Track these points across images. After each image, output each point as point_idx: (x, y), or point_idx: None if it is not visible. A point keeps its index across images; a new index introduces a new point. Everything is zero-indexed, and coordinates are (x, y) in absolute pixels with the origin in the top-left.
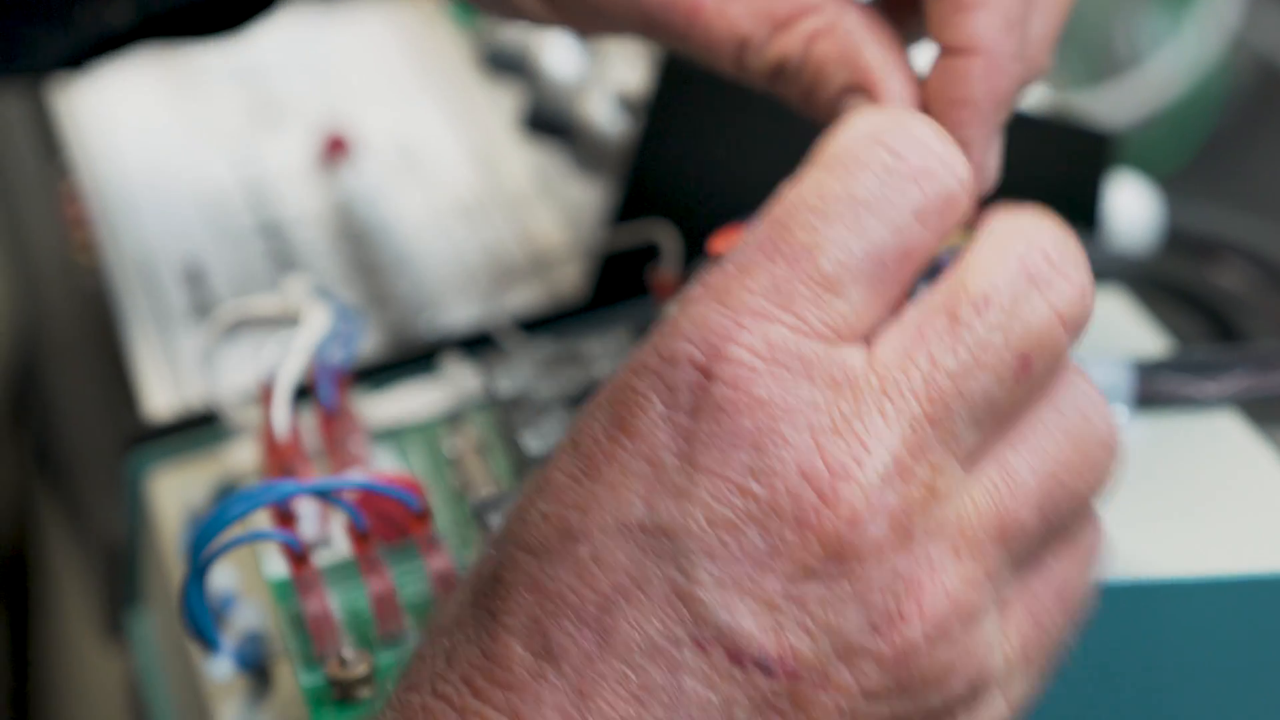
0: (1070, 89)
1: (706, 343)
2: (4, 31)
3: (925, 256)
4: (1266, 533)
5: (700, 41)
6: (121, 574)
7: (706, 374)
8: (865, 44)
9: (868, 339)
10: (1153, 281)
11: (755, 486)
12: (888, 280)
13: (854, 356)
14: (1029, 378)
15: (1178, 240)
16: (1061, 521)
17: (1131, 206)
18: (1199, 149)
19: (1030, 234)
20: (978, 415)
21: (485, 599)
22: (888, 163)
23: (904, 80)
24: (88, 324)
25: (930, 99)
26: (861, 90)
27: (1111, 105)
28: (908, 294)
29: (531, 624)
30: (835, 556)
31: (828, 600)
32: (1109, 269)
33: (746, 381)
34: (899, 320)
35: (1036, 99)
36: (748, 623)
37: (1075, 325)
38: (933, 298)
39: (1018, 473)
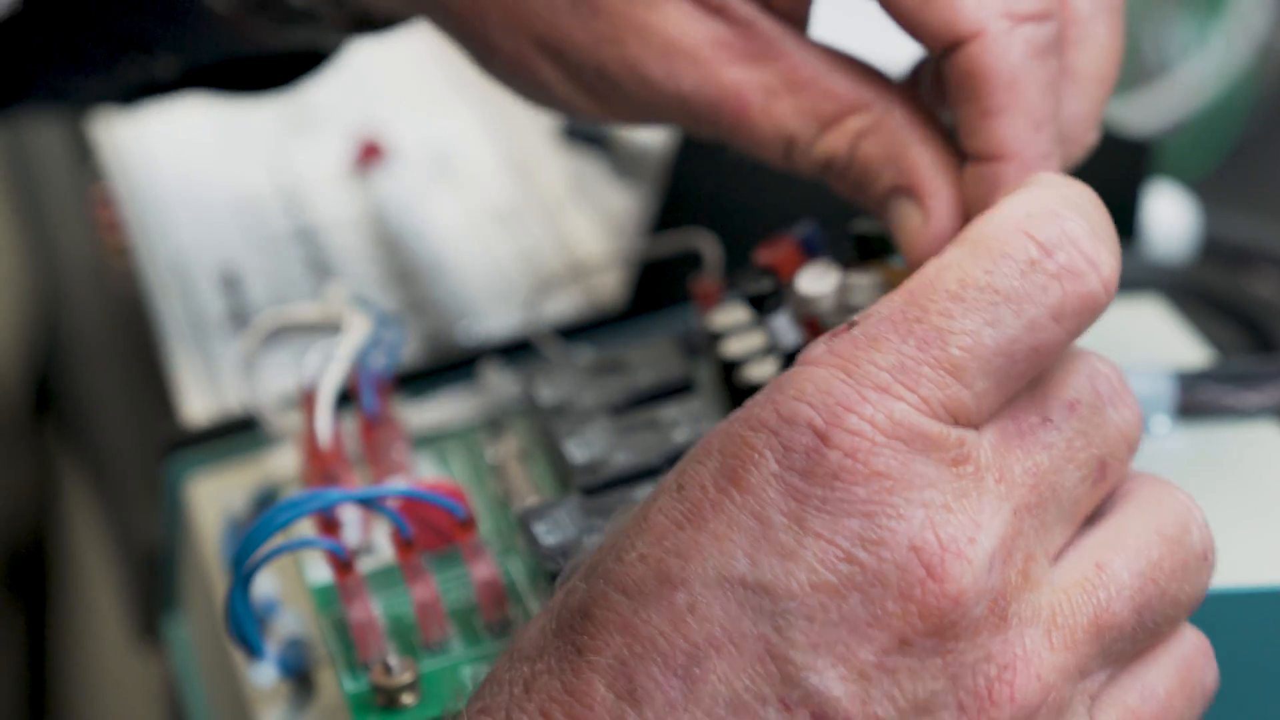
0: None
1: (828, 409)
2: (51, 79)
3: (1056, 354)
4: None
5: (747, 139)
6: (157, 578)
7: (825, 440)
8: (911, 144)
9: (979, 426)
10: (1189, 291)
11: (863, 554)
12: (1013, 375)
13: (970, 437)
14: (1105, 483)
15: (1213, 249)
16: (1157, 625)
17: (1168, 215)
18: (1226, 155)
19: (1091, 359)
20: (1064, 509)
21: (572, 632)
22: (1033, 256)
23: (949, 184)
24: (121, 328)
25: (970, 204)
26: (907, 192)
27: (1140, 112)
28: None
29: (618, 665)
30: (934, 632)
31: (920, 675)
32: (1148, 278)
33: (865, 452)
34: (1004, 407)
35: None
36: (836, 689)
37: (1134, 447)
38: (1026, 401)
39: (1114, 569)
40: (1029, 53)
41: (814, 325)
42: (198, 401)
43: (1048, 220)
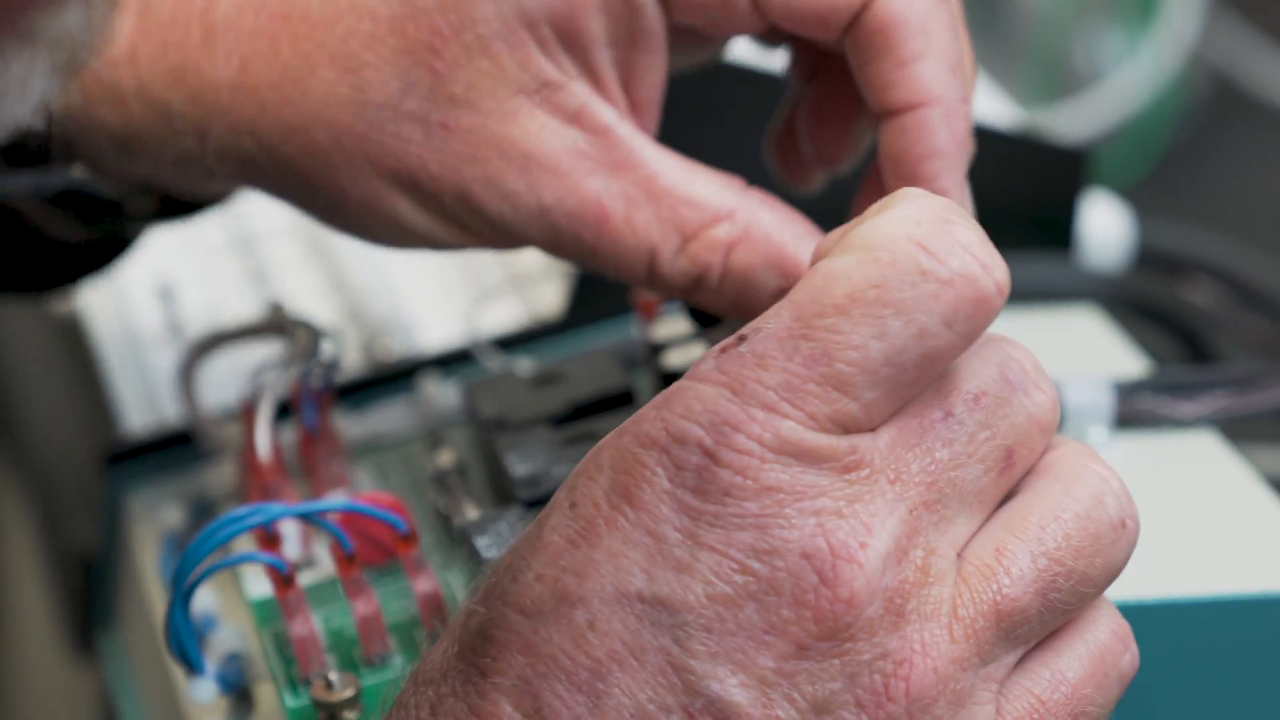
0: (1030, 106)
1: (716, 430)
2: None
3: (951, 357)
4: (1247, 553)
5: (610, 251)
6: (93, 591)
7: (714, 459)
8: (786, 244)
9: (875, 428)
10: (1125, 300)
11: (756, 565)
12: (905, 381)
13: (861, 444)
14: (1012, 470)
15: (1146, 257)
16: (1066, 604)
17: (1104, 224)
18: (1156, 163)
19: (1004, 346)
20: (967, 502)
21: (474, 655)
22: (924, 266)
23: None
24: (58, 341)
25: (894, 161)
26: None
27: (1070, 121)
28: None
29: (522, 685)
30: (829, 635)
31: (817, 677)
32: (1084, 288)
33: (754, 470)
34: (900, 409)
35: (1002, 117)
36: (738, 695)
37: (1047, 430)
38: (929, 396)
39: (1013, 553)
40: None
41: None
42: (136, 414)
43: (937, 227)
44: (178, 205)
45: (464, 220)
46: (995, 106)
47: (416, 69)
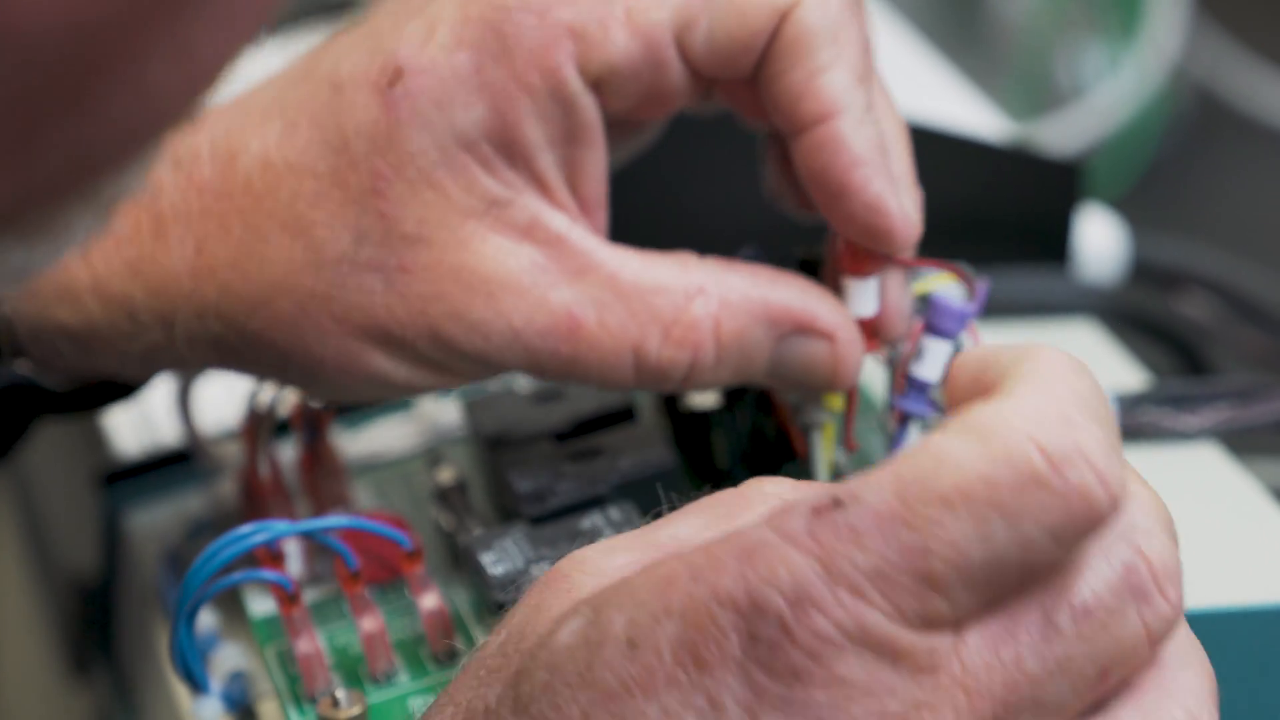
0: (1015, 120)
1: (800, 606)
2: None
3: (1052, 569)
4: (1252, 564)
5: (591, 360)
6: (89, 614)
7: (790, 636)
8: (768, 295)
9: (960, 625)
10: (1121, 313)
11: None
12: (1001, 585)
13: (942, 644)
14: (1104, 688)
15: (1138, 271)
16: None
17: (1098, 237)
18: (1141, 176)
19: (1138, 539)
20: (1044, 714)
21: None
22: (1039, 472)
23: (823, 296)
24: None
25: (820, 178)
26: (796, 335)
27: (1055, 134)
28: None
29: None
30: None
31: None
32: (1081, 302)
33: (829, 657)
34: (994, 608)
35: (993, 130)
36: None
37: (1159, 641)
38: (1034, 595)
39: None
40: (845, 7)
41: None
42: (129, 435)
43: (1059, 428)
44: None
45: (441, 361)
46: (984, 120)
47: (365, 216)
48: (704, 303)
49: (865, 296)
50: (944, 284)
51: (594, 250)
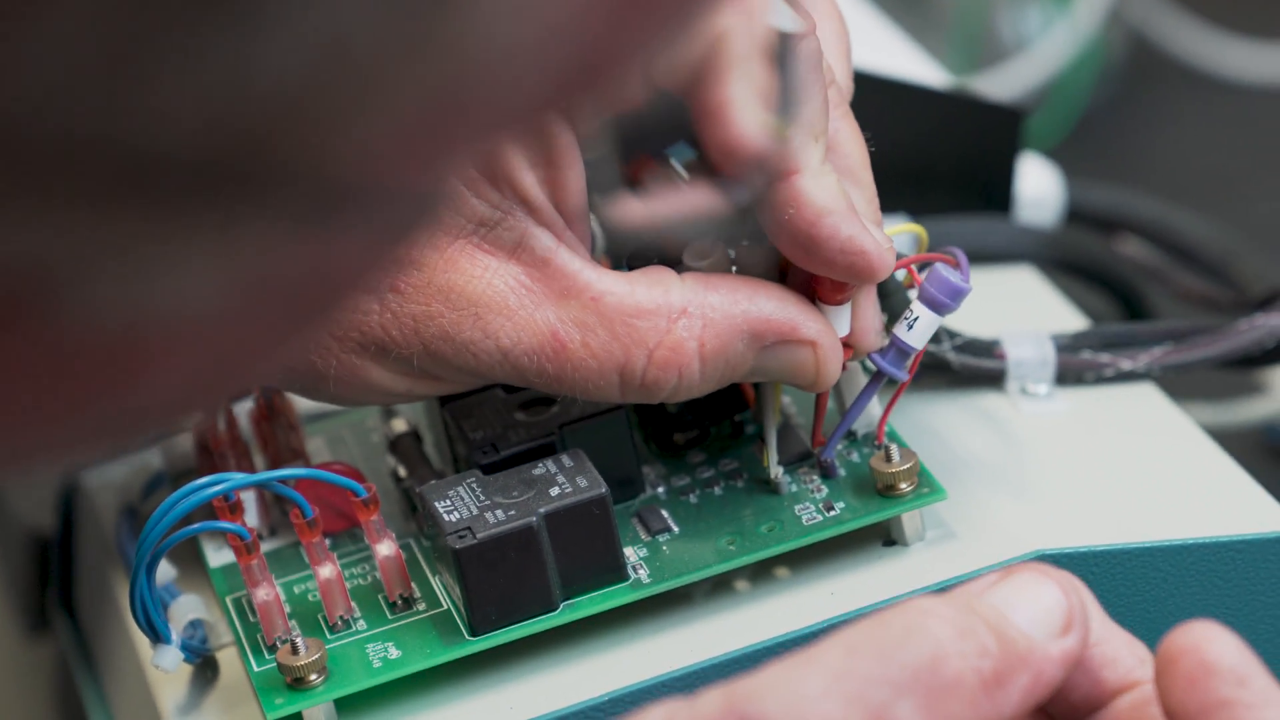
0: (955, 74)
1: None
2: None
3: None
4: (1191, 500)
5: (577, 379)
6: (48, 567)
7: None
8: (750, 306)
9: None
10: (1060, 259)
11: None
12: None
13: None
14: None
15: (1073, 217)
16: None
17: (1036, 185)
18: (1075, 124)
19: None
20: None
21: None
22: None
23: (800, 302)
24: None
25: (789, 233)
26: (779, 344)
27: (991, 86)
28: None
29: None
30: None
31: None
32: (1020, 248)
33: None
34: None
35: (934, 80)
36: None
37: None
38: None
39: None
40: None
41: None
42: None
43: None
44: None
45: (436, 373)
46: (925, 72)
47: None
48: (687, 324)
49: (839, 320)
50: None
51: (579, 272)
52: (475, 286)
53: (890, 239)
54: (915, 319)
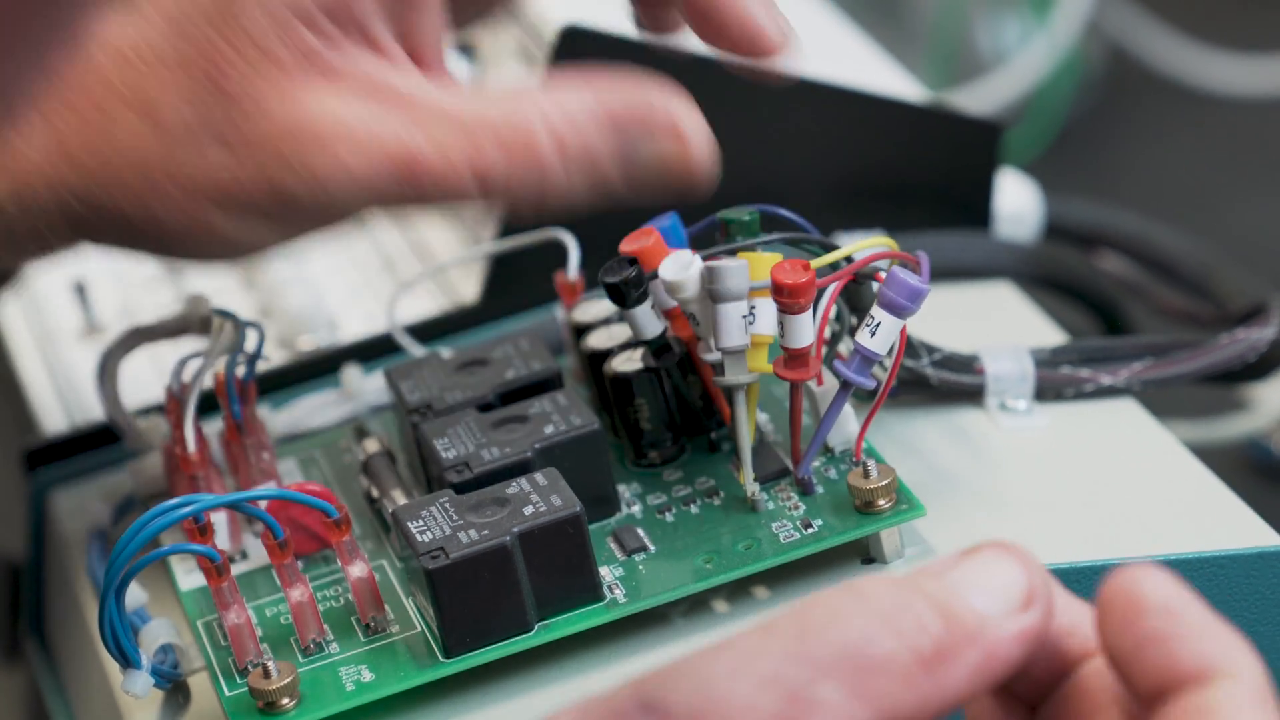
0: (931, 90)
1: None
2: None
3: None
4: (1172, 516)
5: (433, 185)
6: (21, 594)
7: None
8: (606, 99)
9: None
10: (1035, 275)
11: None
12: None
13: None
14: None
15: (1053, 233)
16: None
17: (1015, 200)
18: (1053, 139)
19: None
20: None
21: None
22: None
23: (664, 92)
24: None
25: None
26: (652, 136)
27: (969, 102)
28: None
29: None
30: None
31: None
32: (999, 264)
33: None
34: None
35: (911, 95)
36: None
37: None
38: None
39: None
40: None
41: (677, 315)
42: (54, 416)
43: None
44: None
45: (287, 218)
46: (903, 87)
47: (208, 95)
48: (539, 115)
49: (802, 329)
50: (872, 246)
51: (427, 91)
52: (322, 120)
53: (789, 27)
54: (877, 324)
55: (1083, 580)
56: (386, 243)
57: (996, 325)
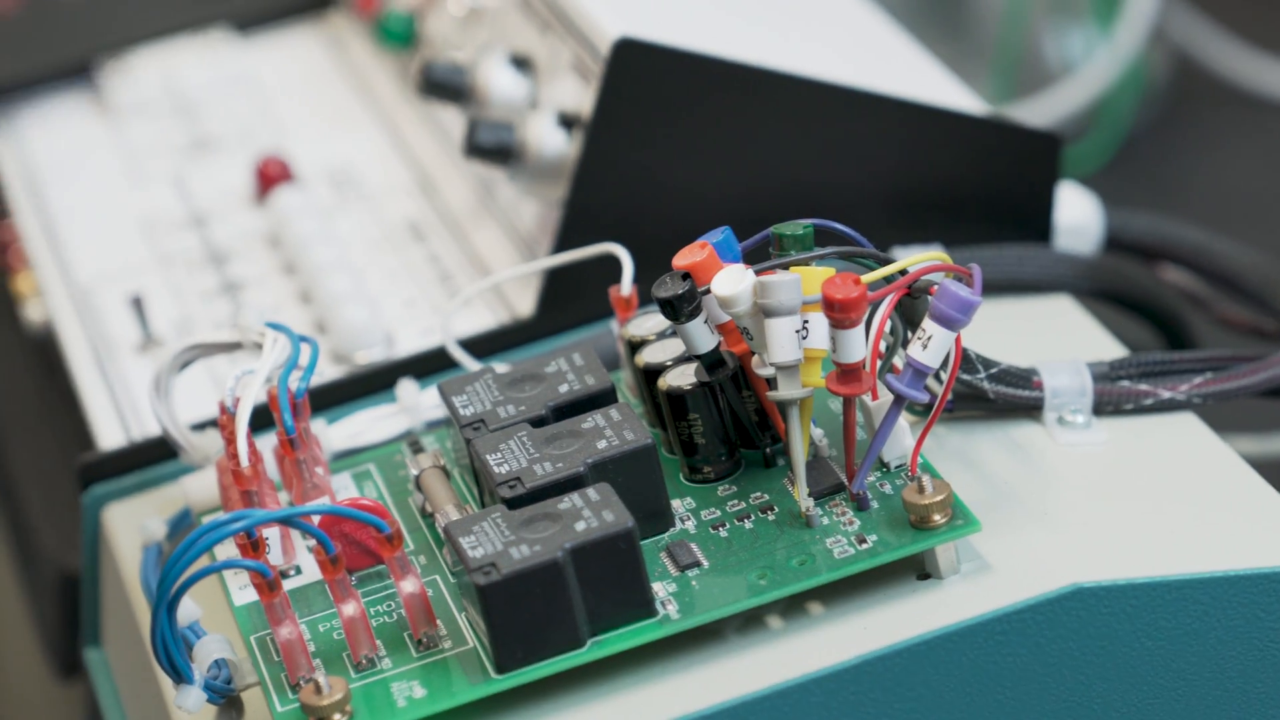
0: (993, 104)
1: None
2: None
3: None
4: (1233, 531)
5: None
6: (78, 609)
7: None
8: None
9: None
10: (1095, 289)
11: None
12: None
13: None
14: None
15: (1115, 246)
16: None
17: (1075, 213)
18: (1116, 151)
19: None
20: None
21: None
22: None
23: None
24: (32, 362)
25: None
26: None
27: (1031, 115)
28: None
29: None
30: None
31: None
32: (1060, 277)
33: None
34: None
35: (973, 108)
36: None
37: None
38: None
39: None
40: None
41: (731, 329)
42: (110, 429)
43: None
44: None
45: None
46: (962, 98)
47: None
48: None
49: (853, 344)
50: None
51: None
52: None
53: None
54: (929, 337)
55: (1140, 597)
56: (444, 256)
57: (1055, 339)
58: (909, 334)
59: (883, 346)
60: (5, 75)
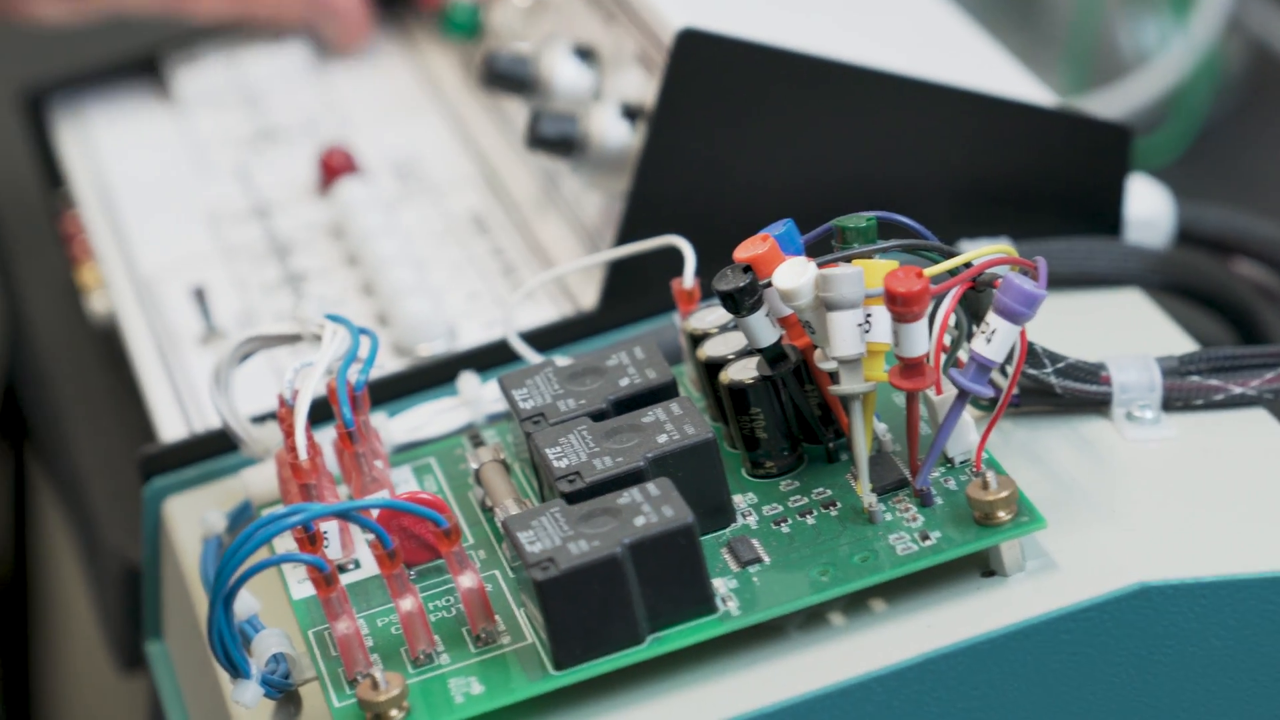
0: (1067, 95)
1: None
2: None
3: None
4: None
5: None
6: (139, 601)
7: None
8: None
9: None
10: (1166, 284)
11: None
12: None
13: None
14: None
15: (1185, 239)
16: None
17: (1146, 207)
18: (1191, 141)
19: None
20: None
21: None
22: None
23: None
24: (94, 351)
25: None
26: None
27: (1102, 107)
28: None
29: None
30: None
31: None
32: (1130, 271)
33: None
34: None
35: (1043, 99)
36: None
37: None
38: None
39: None
40: None
41: (793, 323)
42: (172, 421)
43: None
44: None
45: None
46: (1032, 90)
47: None
48: None
49: (915, 339)
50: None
51: None
52: None
53: None
54: (993, 331)
55: (1209, 596)
56: (507, 248)
57: (1124, 333)
58: (973, 328)
59: (947, 340)
60: (72, 67)
